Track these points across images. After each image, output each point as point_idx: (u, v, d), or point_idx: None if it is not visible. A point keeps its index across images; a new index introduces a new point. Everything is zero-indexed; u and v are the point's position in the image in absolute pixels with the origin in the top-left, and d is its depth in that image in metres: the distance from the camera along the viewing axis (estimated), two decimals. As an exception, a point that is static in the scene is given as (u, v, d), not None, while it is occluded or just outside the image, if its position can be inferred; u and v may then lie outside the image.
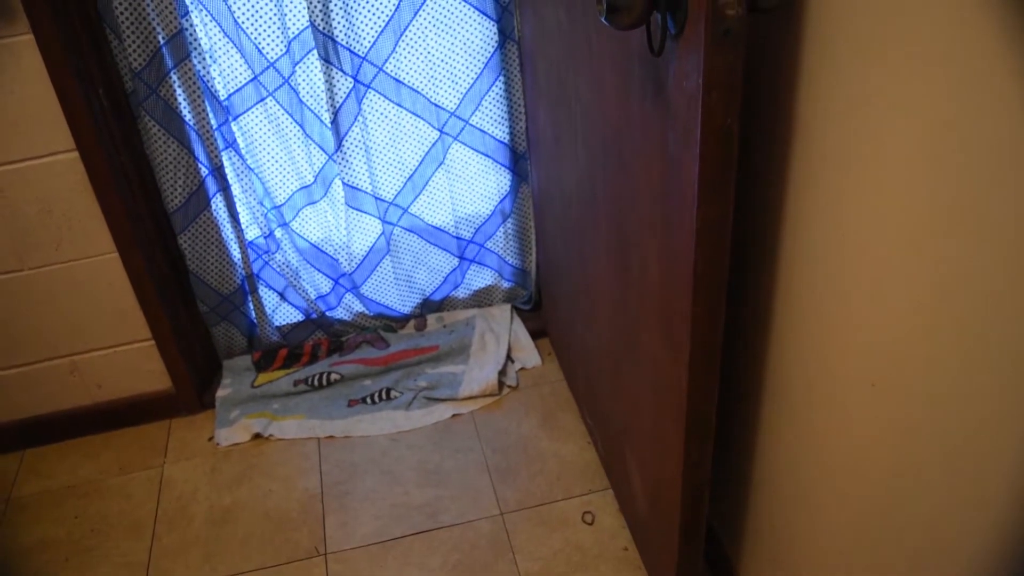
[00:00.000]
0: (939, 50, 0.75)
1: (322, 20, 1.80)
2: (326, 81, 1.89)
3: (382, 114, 1.96)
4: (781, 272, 1.14)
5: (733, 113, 0.92)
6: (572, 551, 1.71)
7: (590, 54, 1.32)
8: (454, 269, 2.26)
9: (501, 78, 1.97)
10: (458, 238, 2.20)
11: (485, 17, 1.89)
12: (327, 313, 2.26)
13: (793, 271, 1.11)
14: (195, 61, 1.81)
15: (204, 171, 1.94)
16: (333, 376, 2.16)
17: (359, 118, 1.94)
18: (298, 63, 1.87)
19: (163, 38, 1.77)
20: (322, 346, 2.26)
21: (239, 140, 1.94)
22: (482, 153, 2.07)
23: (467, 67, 1.95)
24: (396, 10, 1.83)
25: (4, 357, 1.98)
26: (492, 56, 1.93)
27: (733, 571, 1.55)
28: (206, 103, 1.86)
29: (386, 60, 1.89)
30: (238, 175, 1.98)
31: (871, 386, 0.96)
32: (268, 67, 1.86)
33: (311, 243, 2.14)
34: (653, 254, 1.19)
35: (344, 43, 1.84)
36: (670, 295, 1.15)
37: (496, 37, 1.91)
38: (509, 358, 2.19)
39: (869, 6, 0.84)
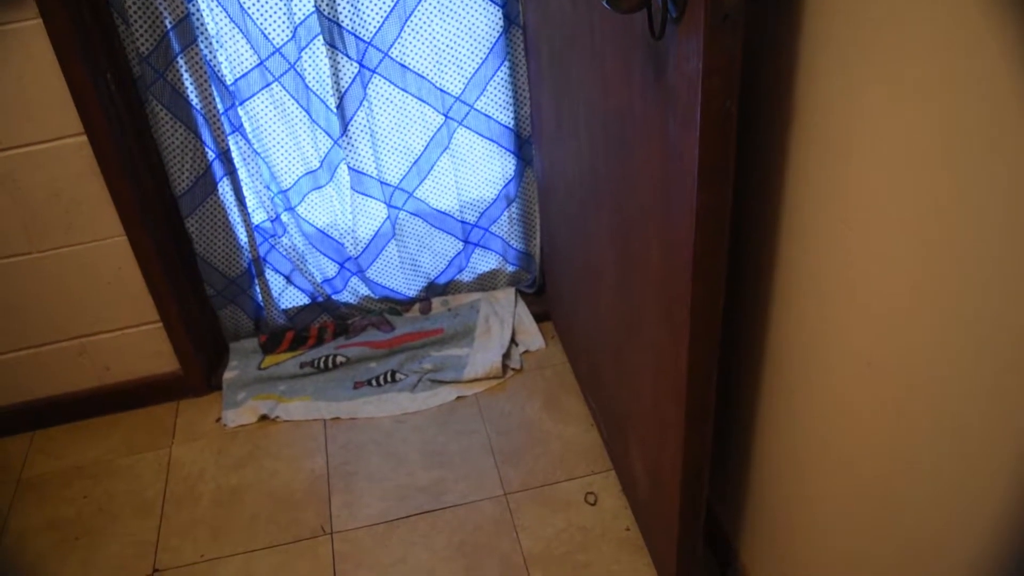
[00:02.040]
0: (939, 35, 0.76)
1: (327, 5, 1.81)
2: (331, 66, 1.90)
3: (387, 99, 1.98)
4: (780, 254, 1.15)
5: (732, 96, 0.94)
6: (575, 531, 1.73)
7: (592, 39, 1.33)
8: (459, 253, 2.28)
9: (506, 63, 1.98)
10: (463, 222, 2.22)
11: (490, 2, 1.89)
12: (333, 296, 2.28)
13: (791, 253, 1.12)
14: (202, 46, 1.82)
15: (211, 155, 1.96)
16: (339, 358, 2.18)
17: (364, 103, 1.95)
18: (304, 48, 1.88)
19: (170, 23, 1.78)
20: (328, 329, 2.28)
21: (245, 124, 1.95)
22: (487, 138, 2.08)
23: (472, 52, 1.96)
24: (401, -5, 1.85)
25: (14, 339, 2.00)
26: (497, 41, 1.94)
27: (733, 551, 1.56)
28: (213, 88, 1.88)
29: (391, 45, 1.90)
30: (244, 159, 2.00)
31: (867, 366, 0.98)
32: (274, 52, 1.88)
33: (317, 228, 2.16)
34: (654, 237, 1.21)
35: (349, 28, 1.85)
36: (670, 278, 1.16)
37: (501, 22, 1.92)
38: (513, 341, 2.21)
39: (867, -9, 0.85)
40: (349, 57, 1.89)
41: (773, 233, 1.16)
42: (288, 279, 2.24)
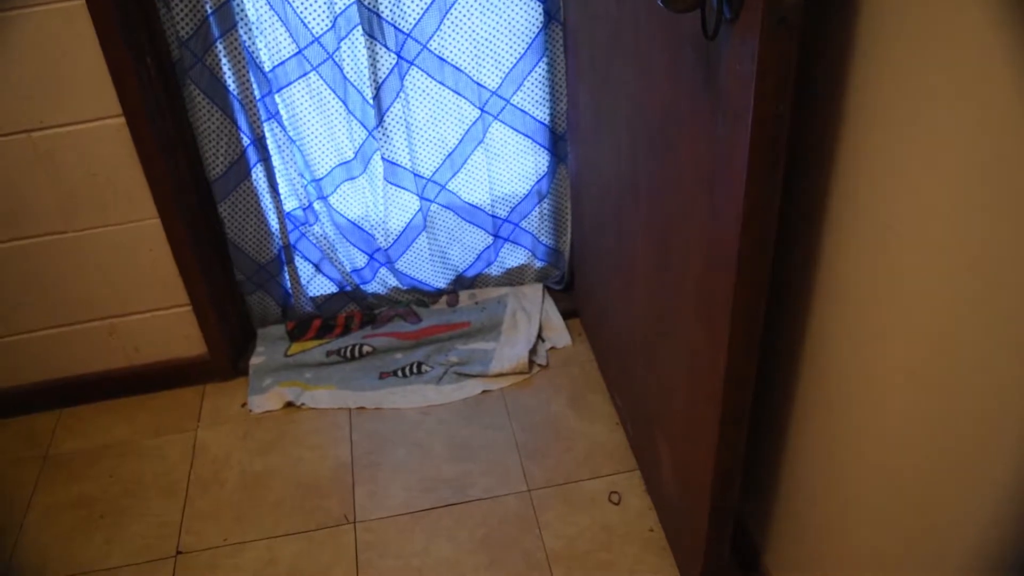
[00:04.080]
0: (992, 46, 0.75)
1: (368, -5, 1.82)
2: (369, 57, 1.90)
3: (424, 91, 1.98)
4: (823, 259, 1.14)
5: (785, 99, 0.93)
6: (598, 530, 1.73)
7: (638, 37, 1.33)
8: (488, 247, 2.28)
9: (544, 59, 1.97)
10: (493, 216, 2.22)
11: (531, -3, 1.90)
12: (361, 286, 2.29)
13: (834, 258, 1.11)
14: (241, 32, 1.83)
15: (246, 141, 1.96)
16: (365, 348, 2.19)
17: (401, 94, 1.96)
18: (343, 39, 1.88)
19: (210, 8, 1.79)
20: (355, 318, 2.28)
21: (282, 112, 1.96)
22: (522, 133, 2.07)
23: (511, 47, 1.95)
24: (442, -12, 1.85)
25: (45, 317, 2.02)
26: (536, 37, 1.94)
27: (758, 555, 1.56)
28: (250, 74, 1.88)
29: (430, 37, 1.90)
30: (279, 147, 2.00)
31: (910, 375, 0.97)
32: (313, 42, 1.88)
33: (349, 219, 2.16)
34: (695, 238, 1.20)
35: (389, 19, 1.85)
36: (712, 279, 1.16)
37: (541, 18, 1.92)
38: (540, 337, 2.21)
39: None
40: (387, 48, 1.89)
41: (816, 237, 1.15)
42: (317, 267, 2.25)
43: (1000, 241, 0.79)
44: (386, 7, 1.84)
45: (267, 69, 1.90)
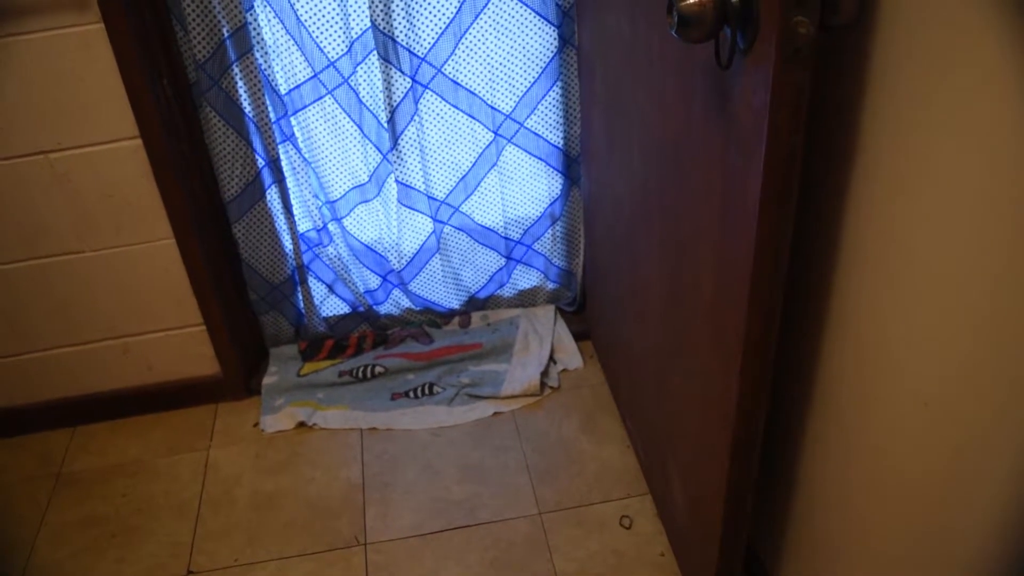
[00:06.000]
0: (1007, 81, 0.76)
1: (383, 20, 1.83)
2: (384, 80, 1.91)
3: (438, 115, 1.99)
4: (836, 287, 1.14)
5: (798, 131, 0.93)
6: (608, 554, 1.73)
7: (651, 63, 1.34)
8: (500, 268, 2.28)
9: (559, 83, 1.98)
10: (506, 238, 2.22)
11: (546, 22, 1.90)
12: (374, 307, 2.29)
13: (849, 287, 1.11)
14: (257, 55, 1.85)
15: (261, 163, 1.98)
16: (377, 369, 2.19)
17: (415, 118, 1.97)
18: (359, 64, 1.90)
19: (227, 31, 1.80)
20: (367, 339, 2.29)
21: (297, 134, 1.97)
22: (535, 156, 2.08)
23: (525, 71, 1.97)
24: (457, 13, 1.85)
25: (60, 335, 2.03)
26: (551, 61, 1.95)
27: (770, 582, 1.55)
28: (266, 97, 1.90)
29: (445, 62, 1.91)
30: (294, 169, 2.02)
31: (924, 406, 0.97)
32: (328, 66, 1.89)
33: (363, 242, 2.17)
34: (708, 265, 1.21)
35: (404, 43, 1.87)
36: (724, 306, 1.16)
37: (556, 42, 1.93)
38: (551, 359, 2.21)
39: (940, 32, 0.85)
40: (402, 72, 1.90)
41: (830, 263, 1.15)
42: (330, 288, 2.25)
43: (1017, 268, 0.79)
44: (401, 32, 1.85)
45: (283, 92, 1.92)
